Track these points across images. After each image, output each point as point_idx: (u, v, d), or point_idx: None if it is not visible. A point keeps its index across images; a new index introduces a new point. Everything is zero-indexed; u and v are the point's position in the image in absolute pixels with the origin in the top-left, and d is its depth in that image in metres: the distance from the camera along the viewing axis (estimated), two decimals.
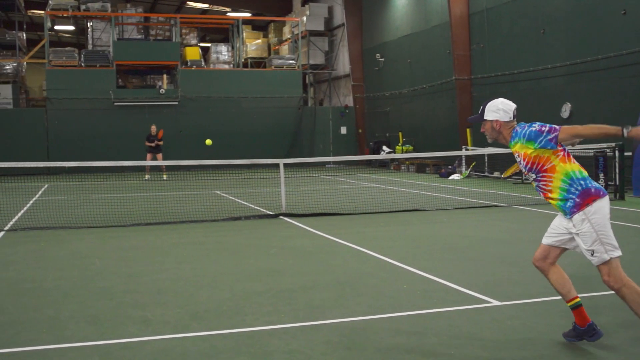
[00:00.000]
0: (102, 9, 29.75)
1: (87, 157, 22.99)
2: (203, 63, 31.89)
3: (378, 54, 29.94)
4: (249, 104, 30.86)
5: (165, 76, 31.70)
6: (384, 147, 28.61)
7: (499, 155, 18.93)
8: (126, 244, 9.93)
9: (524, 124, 4.87)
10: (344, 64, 33.63)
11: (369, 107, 32.00)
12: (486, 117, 4.93)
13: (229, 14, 37.86)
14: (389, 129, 29.76)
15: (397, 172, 26.70)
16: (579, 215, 4.61)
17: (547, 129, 4.63)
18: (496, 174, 21.43)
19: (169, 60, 30.47)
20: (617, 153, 15.02)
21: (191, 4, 39.41)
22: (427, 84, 26.13)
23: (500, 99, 4.95)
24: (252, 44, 34.14)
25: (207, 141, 18.31)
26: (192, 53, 31.69)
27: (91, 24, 31.47)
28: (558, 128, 4.62)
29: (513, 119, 4.90)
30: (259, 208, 14.05)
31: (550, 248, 4.89)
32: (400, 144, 27.74)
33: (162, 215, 12.84)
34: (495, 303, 6.07)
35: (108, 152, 26.33)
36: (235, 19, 33.99)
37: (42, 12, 33.04)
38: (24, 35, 33.75)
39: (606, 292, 5.97)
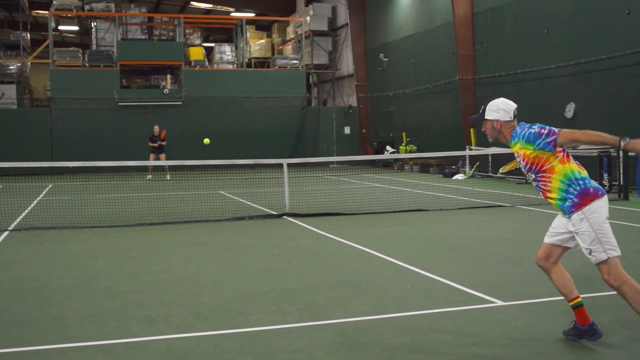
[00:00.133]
0: (106, 9, 29.80)
1: (91, 157, 23.03)
2: (207, 63, 31.91)
3: (382, 54, 29.92)
4: (253, 104, 30.87)
5: (169, 76, 31.74)
6: (388, 147, 28.60)
7: (502, 156, 18.90)
8: (130, 243, 9.94)
9: (524, 124, 4.87)
10: (347, 64, 33.62)
11: (372, 107, 31.98)
12: (487, 116, 4.97)
13: (232, 14, 37.88)
14: (392, 129, 29.74)
15: (401, 172, 26.69)
16: (577, 215, 4.65)
17: (546, 132, 4.64)
18: (500, 174, 21.38)
19: (172, 61, 30.51)
20: (621, 153, 14.99)
21: (195, 4, 39.44)
22: (431, 83, 26.11)
23: (501, 99, 4.98)
24: (256, 44, 34.16)
25: (205, 140, 18.34)
26: (196, 53, 31.73)
27: (95, 24, 31.52)
28: (557, 131, 4.62)
29: (514, 118, 4.93)
30: (262, 208, 14.06)
31: (552, 247, 4.92)
32: (403, 144, 27.73)
33: (166, 215, 12.85)
34: (499, 303, 6.06)
35: (112, 152, 26.38)
36: (239, 19, 34.02)
37: (46, 12, 33.11)
38: (28, 35, 33.83)
39: (607, 292, 5.96)
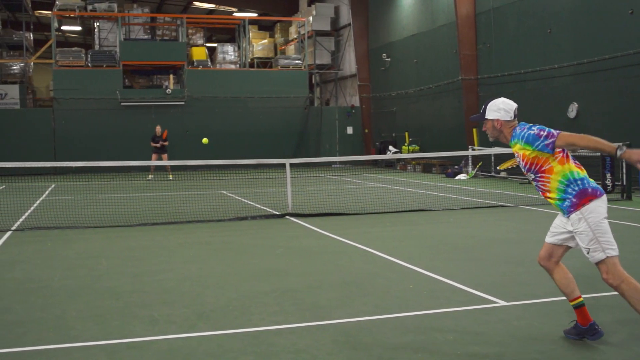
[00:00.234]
0: (109, 9, 29.83)
1: (94, 157, 23.02)
2: (209, 63, 31.92)
3: (384, 54, 29.91)
4: (255, 104, 30.88)
5: (171, 76, 31.76)
6: (390, 147, 28.58)
7: (505, 156, 18.88)
8: (133, 243, 9.95)
9: (524, 124, 4.90)
10: (350, 63, 33.62)
11: (375, 107, 31.98)
12: (487, 116, 5.00)
13: (235, 14, 37.88)
14: (395, 129, 29.72)
15: (404, 172, 26.68)
16: (575, 215, 4.69)
17: (545, 134, 4.66)
18: (503, 174, 21.39)
19: (175, 61, 30.53)
20: None
21: (197, 4, 39.46)
22: (434, 83, 26.09)
23: (502, 99, 5.01)
24: (259, 44, 34.16)
25: (203, 140, 18.34)
26: (199, 53, 31.74)
27: (98, 24, 31.54)
28: (556, 134, 4.64)
29: (514, 118, 4.96)
30: (265, 208, 14.06)
31: (554, 247, 4.95)
32: (406, 144, 27.71)
33: (169, 215, 12.87)
34: (502, 303, 6.06)
35: (115, 152, 26.39)
36: (242, 19, 34.01)
37: (49, 12, 33.16)
38: (31, 35, 33.86)
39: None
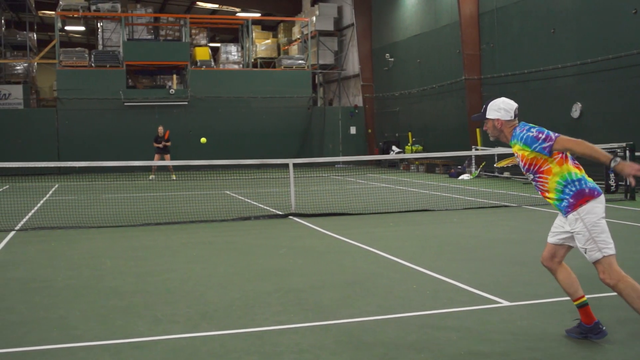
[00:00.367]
0: (112, 9, 29.88)
1: (97, 157, 23.09)
2: (213, 63, 31.96)
3: (387, 54, 29.90)
4: (259, 104, 30.89)
5: (175, 76, 31.80)
6: (394, 147, 28.58)
7: (507, 155, 18.86)
8: (136, 243, 9.96)
9: (524, 124, 4.93)
10: (353, 64, 33.62)
11: (378, 107, 31.97)
12: (488, 115, 5.05)
13: (238, 14, 37.92)
14: (398, 129, 29.71)
15: (407, 172, 26.66)
16: (572, 215, 4.73)
17: (543, 137, 4.70)
18: (506, 174, 21.37)
19: (178, 61, 30.56)
20: (627, 153, 14.93)
21: (201, 4, 39.49)
22: (437, 83, 26.07)
23: (502, 98, 5.05)
24: (262, 44, 34.18)
25: (202, 139, 18.35)
26: (202, 53, 31.77)
27: (101, 24, 31.60)
28: (554, 138, 4.67)
29: (514, 118, 5.00)
30: (268, 208, 14.06)
31: (556, 247, 4.98)
32: (409, 144, 27.70)
33: (172, 215, 12.88)
34: (505, 303, 6.05)
35: (118, 152, 26.44)
36: (245, 19, 34.05)
37: (53, 12, 33.21)
38: (35, 35, 33.94)
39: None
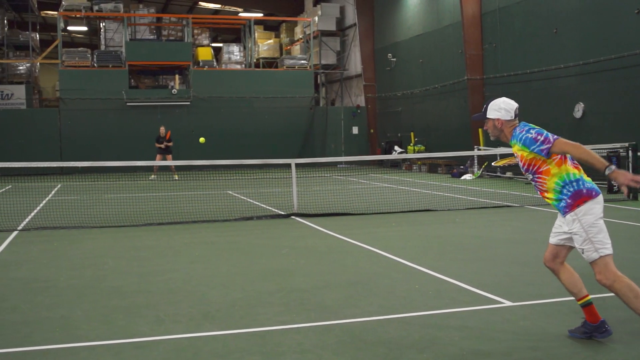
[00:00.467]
0: (115, 9, 29.90)
1: (100, 157, 23.11)
2: (215, 63, 31.96)
3: (390, 54, 29.89)
4: (261, 104, 30.90)
5: (177, 76, 31.82)
6: (396, 147, 28.57)
7: (510, 156, 18.85)
8: (138, 243, 9.97)
9: (524, 125, 4.97)
10: (355, 64, 33.61)
11: (380, 107, 31.96)
12: (488, 115, 5.10)
13: (240, 14, 37.94)
14: (400, 129, 29.71)
15: (409, 172, 26.65)
16: (570, 216, 4.77)
17: (542, 139, 4.74)
18: (509, 174, 21.36)
19: (181, 61, 30.58)
20: (630, 153, 14.92)
21: (203, 4, 39.52)
22: (439, 83, 26.06)
23: (503, 98, 5.10)
24: (264, 44, 34.19)
25: (200, 139, 18.34)
26: (204, 53, 31.78)
27: (104, 24, 31.62)
28: (552, 140, 4.70)
29: (514, 118, 5.04)
30: (270, 208, 14.07)
31: (558, 247, 5.01)
32: (412, 144, 27.69)
33: (174, 215, 12.89)
34: (508, 303, 6.05)
35: (120, 152, 26.47)
36: (247, 19, 34.06)
37: (55, 12, 33.26)
38: (37, 36, 33.97)
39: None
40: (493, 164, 20.44)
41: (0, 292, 6.83)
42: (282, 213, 13.00)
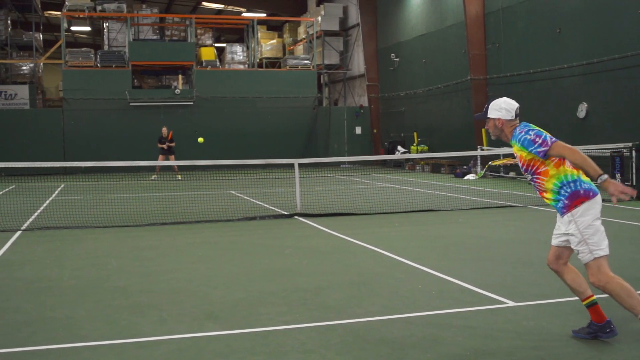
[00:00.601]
0: (118, 9, 29.92)
1: (103, 157, 23.12)
2: (218, 63, 31.99)
3: (393, 54, 29.88)
4: (264, 104, 30.91)
5: (180, 76, 31.84)
6: (399, 147, 28.55)
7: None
8: (142, 243, 9.97)
9: (525, 125, 4.99)
10: (358, 64, 33.60)
11: (383, 107, 31.95)
12: (489, 115, 5.14)
13: (244, 14, 37.94)
14: (403, 129, 29.69)
15: (412, 172, 26.64)
16: (567, 217, 4.81)
17: (540, 141, 4.77)
18: (512, 174, 21.33)
19: (184, 61, 30.60)
20: (634, 153, 14.89)
21: (206, 4, 39.54)
22: (442, 83, 26.04)
23: (504, 98, 5.14)
24: (267, 44, 34.19)
25: (199, 139, 18.36)
26: (207, 53, 31.80)
27: (107, 24, 31.67)
28: (550, 143, 4.73)
29: (515, 117, 5.08)
30: (273, 208, 14.07)
31: (560, 249, 5.02)
32: (415, 144, 27.67)
33: (178, 215, 12.90)
34: (511, 304, 6.04)
35: (123, 152, 26.48)
36: (250, 19, 34.06)
37: (59, 13, 33.31)
38: (41, 36, 34.01)
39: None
40: (490, 163, 20.45)
41: (4, 292, 6.85)
42: (285, 213, 13.00)
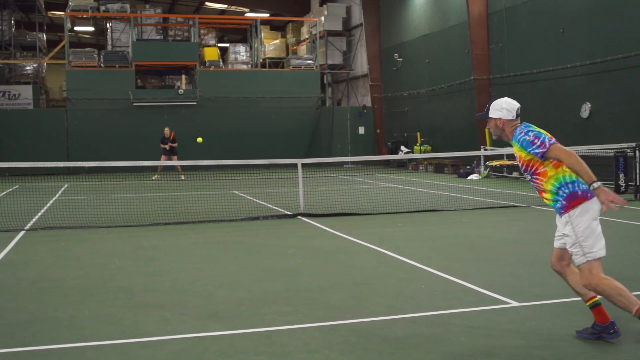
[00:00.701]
0: (121, 10, 29.98)
1: (106, 157, 23.13)
2: (221, 63, 32.01)
3: (396, 54, 29.87)
4: (267, 104, 30.92)
5: (183, 76, 31.87)
6: (402, 147, 28.55)
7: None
8: (145, 243, 9.98)
9: (525, 126, 5.00)
10: (362, 64, 33.59)
11: (387, 107, 31.94)
12: (491, 114, 5.16)
13: (247, 14, 37.97)
14: (407, 129, 29.68)
15: (415, 172, 26.63)
16: (564, 218, 4.84)
17: (538, 143, 4.79)
18: (515, 174, 21.31)
19: (187, 61, 30.64)
20: (637, 153, 14.86)
21: (210, 4, 39.57)
22: (446, 83, 26.03)
23: (505, 98, 5.17)
24: (270, 44, 34.21)
25: (198, 139, 18.38)
26: (211, 53, 31.83)
27: (110, 24, 31.72)
28: (548, 145, 4.74)
29: (516, 117, 5.09)
30: (277, 208, 14.07)
31: (562, 250, 5.04)
32: (418, 144, 27.67)
33: (181, 215, 12.91)
34: (514, 304, 6.03)
35: (127, 152, 26.50)
36: (254, 20, 34.10)
37: (62, 13, 33.34)
38: (44, 36, 34.09)
39: None
40: (487, 162, 20.44)
41: (7, 292, 6.86)
42: (289, 213, 13.00)
